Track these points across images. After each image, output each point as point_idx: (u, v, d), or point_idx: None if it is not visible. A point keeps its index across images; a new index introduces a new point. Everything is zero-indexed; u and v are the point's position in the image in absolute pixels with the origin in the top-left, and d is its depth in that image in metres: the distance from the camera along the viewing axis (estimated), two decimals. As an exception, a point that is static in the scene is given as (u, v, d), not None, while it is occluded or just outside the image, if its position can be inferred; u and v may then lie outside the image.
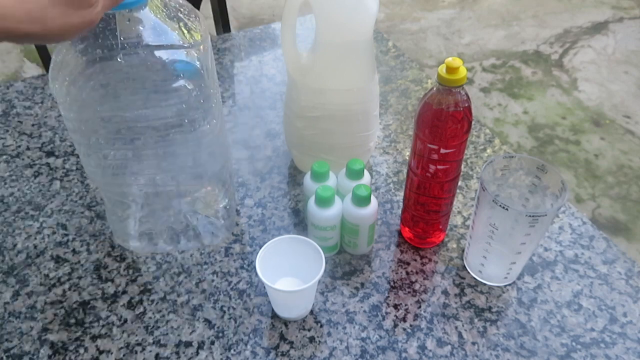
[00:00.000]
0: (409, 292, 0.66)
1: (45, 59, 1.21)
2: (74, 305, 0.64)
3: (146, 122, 0.56)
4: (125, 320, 0.63)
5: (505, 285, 0.66)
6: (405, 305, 0.64)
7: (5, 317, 0.63)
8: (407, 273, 0.68)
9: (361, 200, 0.63)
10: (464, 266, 0.68)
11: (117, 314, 0.64)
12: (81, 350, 0.60)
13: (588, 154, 2.03)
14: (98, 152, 0.59)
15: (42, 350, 0.60)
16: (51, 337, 0.61)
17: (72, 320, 0.63)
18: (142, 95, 0.55)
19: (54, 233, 0.73)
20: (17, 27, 0.36)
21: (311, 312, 0.63)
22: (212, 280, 0.67)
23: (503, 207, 0.56)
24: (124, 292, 0.66)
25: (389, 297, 0.65)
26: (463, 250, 0.70)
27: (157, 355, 0.60)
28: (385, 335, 0.61)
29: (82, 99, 0.54)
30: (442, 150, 0.60)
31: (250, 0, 2.90)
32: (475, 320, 0.63)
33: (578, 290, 0.66)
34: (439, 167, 0.62)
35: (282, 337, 0.61)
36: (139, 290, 0.66)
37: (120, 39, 0.52)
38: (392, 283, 0.67)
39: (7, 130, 0.88)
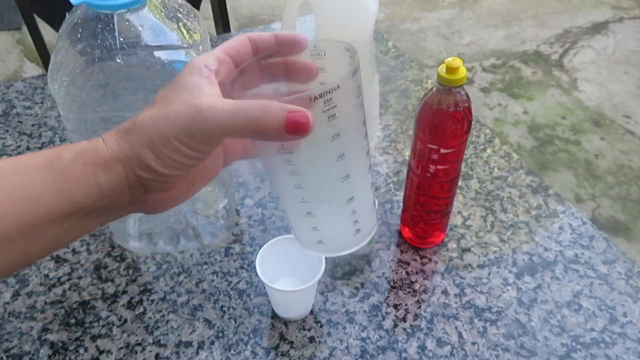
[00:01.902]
0: (409, 292, 0.66)
1: (45, 59, 1.20)
2: (74, 305, 0.64)
3: (146, 122, 0.56)
4: (125, 320, 0.63)
5: (505, 286, 0.66)
6: (405, 305, 0.64)
7: (5, 317, 0.63)
8: (407, 273, 0.68)
9: (361, 200, 0.63)
10: (464, 266, 0.68)
11: (117, 314, 0.64)
12: (81, 350, 0.60)
13: (588, 154, 2.03)
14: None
15: (42, 350, 0.60)
16: (51, 337, 0.61)
17: (72, 320, 0.63)
18: (141, 96, 0.55)
19: (53, 233, 0.73)
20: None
21: (311, 312, 0.63)
22: (212, 280, 0.67)
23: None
24: (124, 292, 0.66)
25: (389, 297, 0.65)
26: (463, 250, 0.70)
27: (157, 355, 0.60)
28: (385, 335, 0.61)
29: (81, 99, 0.54)
30: (442, 150, 0.60)
31: (250, 0, 2.90)
32: (475, 320, 0.63)
33: (578, 290, 0.66)
34: (439, 167, 0.62)
35: (282, 337, 0.61)
36: (139, 290, 0.66)
37: (119, 39, 0.52)
38: (392, 283, 0.67)
39: (7, 130, 0.88)
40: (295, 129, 0.32)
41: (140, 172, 0.34)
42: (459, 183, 0.75)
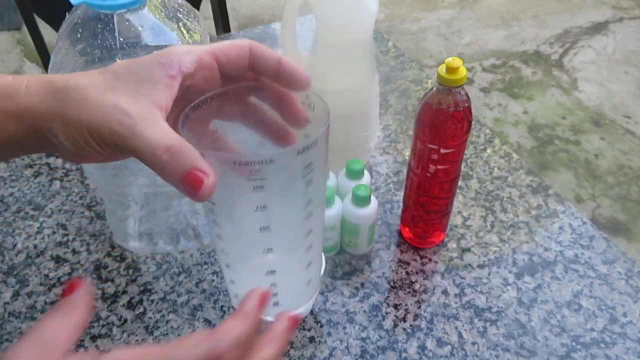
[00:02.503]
0: (409, 292, 0.66)
1: (45, 59, 1.20)
2: (74, 306, 0.64)
3: (146, 122, 0.56)
4: (125, 320, 0.63)
5: (505, 286, 0.66)
6: (405, 305, 0.64)
7: (5, 317, 0.63)
8: (407, 273, 0.68)
9: (361, 200, 0.63)
10: (464, 266, 0.68)
11: (117, 314, 0.64)
12: (81, 351, 0.60)
13: (588, 154, 2.03)
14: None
15: (42, 351, 0.60)
16: (51, 337, 0.61)
17: (72, 321, 0.63)
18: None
19: (54, 233, 0.73)
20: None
21: (311, 312, 0.63)
22: (212, 280, 0.67)
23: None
24: (124, 292, 0.66)
25: (389, 297, 0.65)
26: (463, 250, 0.70)
27: (157, 355, 0.60)
28: (385, 335, 0.61)
29: (81, 99, 0.54)
30: (442, 150, 0.60)
31: (250, 0, 2.90)
32: (475, 320, 0.63)
33: (578, 290, 0.66)
34: (439, 167, 0.62)
35: (282, 337, 0.61)
36: (139, 290, 0.66)
37: (119, 39, 0.52)
38: (392, 283, 0.67)
39: (7, 131, 0.88)
40: (191, 188, 0.28)
41: (49, 136, 0.31)
42: (459, 183, 0.75)
